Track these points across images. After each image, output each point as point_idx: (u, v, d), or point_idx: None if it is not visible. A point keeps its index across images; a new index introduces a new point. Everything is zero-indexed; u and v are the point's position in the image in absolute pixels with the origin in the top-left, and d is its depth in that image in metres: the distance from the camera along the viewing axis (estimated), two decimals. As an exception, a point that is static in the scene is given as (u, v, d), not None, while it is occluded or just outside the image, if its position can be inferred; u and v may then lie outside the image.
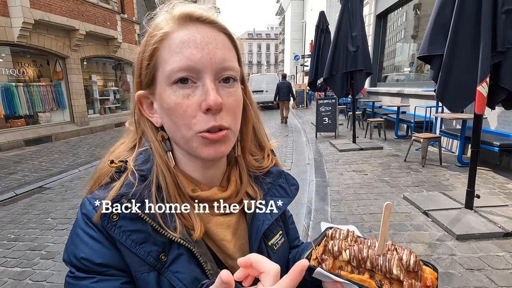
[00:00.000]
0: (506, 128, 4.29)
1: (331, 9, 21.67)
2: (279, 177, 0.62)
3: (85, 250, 0.44)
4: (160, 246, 0.46)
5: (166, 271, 0.45)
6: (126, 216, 0.45)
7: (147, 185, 0.48)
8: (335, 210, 3.28)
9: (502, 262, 2.18)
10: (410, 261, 0.45)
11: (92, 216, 0.45)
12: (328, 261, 0.49)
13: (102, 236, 0.45)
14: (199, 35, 0.45)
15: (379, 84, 9.66)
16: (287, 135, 8.43)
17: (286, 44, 51.93)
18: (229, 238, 0.54)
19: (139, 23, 14.37)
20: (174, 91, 0.45)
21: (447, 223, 2.69)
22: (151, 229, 0.46)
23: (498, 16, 2.43)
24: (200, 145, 0.47)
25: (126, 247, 0.44)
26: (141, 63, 0.49)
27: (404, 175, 4.23)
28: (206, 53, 0.44)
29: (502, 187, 3.60)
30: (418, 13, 7.81)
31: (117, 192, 0.45)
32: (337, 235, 0.53)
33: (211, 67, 0.45)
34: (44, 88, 9.46)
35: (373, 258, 0.46)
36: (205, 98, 0.44)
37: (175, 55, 0.44)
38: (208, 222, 0.52)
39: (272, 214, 0.57)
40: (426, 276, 0.46)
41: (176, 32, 0.46)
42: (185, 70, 0.44)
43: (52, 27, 9.12)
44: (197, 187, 0.53)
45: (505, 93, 2.59)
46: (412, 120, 6.10)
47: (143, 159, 0.51)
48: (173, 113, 0.46)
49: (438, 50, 2.73)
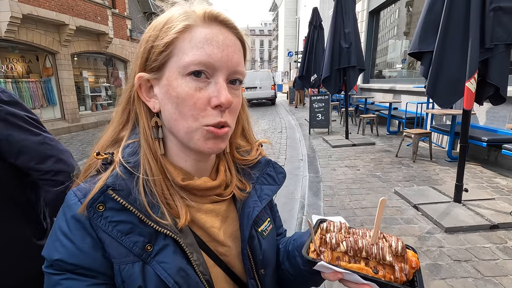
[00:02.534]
0: (494, 123, 4.39)
1: (324, 5, 21.67)
2: (267, 166, 0.65)
3: (59, 249, 0.44)
4: (146, 237, 0.46)
5: (151, 261, 0.46)
6: (112, 206, 0.45)
7: (134, 176, 0.48)
8: (327, 205, 3.33)
9: (488, 253, 2.25)
10: (398, 247, 0.51)
11: (76, 208, 0.45)
12: (327, 253, 0.52)
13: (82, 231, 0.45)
14: (222, 36, 0.48)
15: (371, 81, 9.74)
16: (281, 131, 8.46)
17: (279, 40, 51.79)
18: (218, 225, 0.56)
19: (130, 19, 14.16)
20: (188, 82, 0.46)
21: (436, 217, 2.75)
22: (137, 220, 0.46)
23: (486, 14, 2.48)
24: (202, 137, 0.48)
25: (112, 237, 0.45)
26: (153, 47, 0.48)
27: (395, 170, 4.30)
28: (225, 54, 0.47)
29: (490, 181, 3.69)
30: (410, 10, 7.88)
31: (104, 183, 0.46)
32: (332, 227, 0.57)
33: (227, 68, 0.48)
34: (33, 84, 9.29)
35: (368, 248, 0.51)
36: (218, 95, 0.47)
37: (196, 49, 0.46)
38: (197, 211, 0.54)
39: (261, 201, 0.59)
40: (411, 258, 0.51)
41: (199, 27, 0.47)
42: (203, 65, 0.46)
43: (41, 22, 8.93)
44: (187, 176, 0.54)
45: (493, 89, 2.65)
46: (404, 116, 6.19)
47: (130, 151, 0.51)
48: (182, 102, 0.47)
49: (428, 46, 2.78)
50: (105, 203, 0.45)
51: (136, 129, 0.54)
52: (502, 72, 2.60)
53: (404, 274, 0.48)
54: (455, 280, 2.00)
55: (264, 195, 0.60)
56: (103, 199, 0.45)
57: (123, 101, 0.56)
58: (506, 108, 4.13)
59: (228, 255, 0.57)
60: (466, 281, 1.99)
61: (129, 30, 14.02)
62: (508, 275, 2.01)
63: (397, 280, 0.48)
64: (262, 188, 0.61)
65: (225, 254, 0.56)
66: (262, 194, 0.60)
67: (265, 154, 0.68)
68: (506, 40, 2.47)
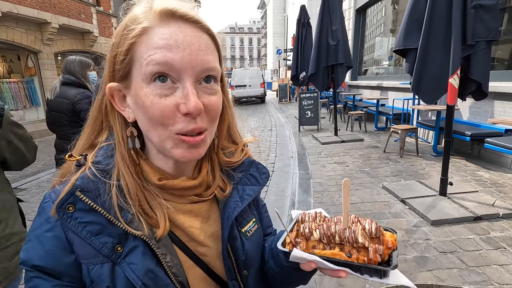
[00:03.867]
0: (476, 118, 4.52)
1: (312, 3, 21.78)
2: (250, 167, 0.64)
3: (30, 250, 0.45)
4: (115, 238, 0.46)
5: (121, 262, 0.46)
6: (81, 208, 0.45)
7: (105, 178, 0.48)
8: (317, 201, 3.36)
9: (472, 245, 2.33)
10: (372, 228, 0.51)
11: (49, 210, 0.46)
12: (302, 243, 0.52)
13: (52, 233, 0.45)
14: (181, 34, 0.43)
15: (359, 78, 9.86)
16: (271, 129, 8.48)
17: (268, 38, 51.79)
18: (197, 226, 0.55)
19: (116, 16, 13.86)
20: (152, 89, 0.43)
21: (423, 210, 2.82)
22: (106, 221, 0.46)
23: (467, 11, 2.54)
24: (175, 146, 0.46)
25: (81, 238, 0.45)
26: (116, 56, 0.47)
27: (383, 166, 4.38)
28: (187, 53, 0.43)
29: (473, 174, 3.81)
30: (396, 7, 8.01)
31: (73, 185, 0.46)
32: (307, 218, 0.57)
33: (192, 69, 0.44)
34: (15, 84, 8.99)
35: (340, 232, 0.50)
36: (185, 102, 0.43)
37: (153, 52, 0.43)
38: (176, 211, 0.53)
39: (242, 201, 0.59)
40: (387, 239, 0.51)
41: (156, 28, 0.44)
42: (163, 67, 0.42)
43: (21, 20, 8.64)
44: (164, 176, 0.53)
45: (475, 85, 2.73)
46: (391, 112, 6.30)
47: (104, 154, 0.51)
48: (149, 111, 0.44)
49: (412, 43, 2.83)
50: (74, 204, 0.45)
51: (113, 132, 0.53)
52: (483, 68, 2.67)
53: (379, 255, 0.48)
54: (441, 271, 2.05)
55: (246, 195, 0.59)
56: (73, 200, 0.45)
57: (96, 109, 0.54)
58: (488, 103, 4.26)
59: (208, 255, 0.56)
60: (451, 272, 2.05)
61: (114, 28, 13.73)
62: (491, 265, 2.08)
63: (371, 262, 0.48)
64: (245, 188, 0.60)
65: (205, 254, 0.56)
66: (244, 194, 0.60)
67: (251, 155, 0.67)
68: (486, 37, 2.54)
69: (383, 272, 0.48)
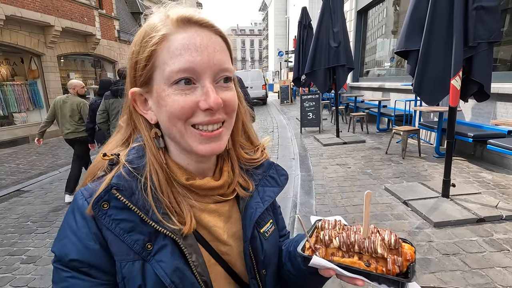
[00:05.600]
0: (479, 119, 4.51)
1: (313, 4, 21.82)
2: (269, 169, 0.66)
3: (67, 246, 0.47)
4: (146, 236, 0.48)
5: (151, 259, 0.48)
6: (116, 205, 0.47)
7: (138, 178, 0.50)
8: (319, 203, 3.36)
9: (475, 246, 2.31)
10: (391, 240, 0.51)
11: (84, 207, 0.48)
12: (321, 249, 0.54)
13: (88, 229, 0.47)
14: (199, 37, 0.47)
15: (361, 79, 9.86)
16: (272, 131, 8.48)
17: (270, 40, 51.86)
18: (221, 225, 0.57)
19: (118, 19, 13.95)
20: (174, 90, 0.47)
21: (425, 212, 2.81)
22: (139, 219, 0.48)
23: (469, 13, 2.54)
24: (196, 142, 0.50)
25: (115, 234, 0.47)
26: (137, 63, 0.50)
27: (385, 167, 4.37)
28: (205, 55, 0.47)
29: (476, 175, 3.79)
30: (398, 9, 8.01)
31: (109, 183, 0.48)
32: (326, 225, 0.58)
33: (210, 69, 0.47)
34: (18, 87, 9.06)
35: (360, 242, 0.51)
36: (205, 99, 0.47)
37: (175, 57, 0.46)
38: (201, 210, 0.56)
39: (264, 202, 0.61)
40: (406, 251, 0.52)
41: (175, 34, 0.47)
42: (185, 71, 0.46)
43: (25, 23, 8.72)
44: (191, 176, 0.56)
45: (477, 86, 2.72)
46: (393, 113, 6.29)
47: (135, 154, 0.53)
48: (170, 108, 0.47)
49: (414, 45, 2.83)
50: (109, 202, 0.47)
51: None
52: (485, 69, 2.67)
53: (397, 266, 0.49)
54: (444, 274, 2.04)
55: (267, 196, 0.61)
56: (108, 198, 0.47)
57: (126, 112, 0.57)
58: (490, 104, 4.24)
59: (230, 254, 0.58)
60: (454, 274, 2.04)
61: (117, 31, 13.81)
62: (494, 267, 2.06)
63: (389, 272, 0.48)
64: (265, 190, 0.63)
65: (227, 253, 0.58)
66: (264, 195, 0.62)
67: (269, 157, 0.69)
68: (488, 38, 2.54)
69: (402, 284, 0.48)
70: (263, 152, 0.67)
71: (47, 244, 3.04)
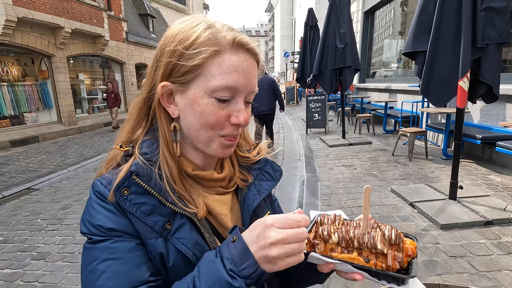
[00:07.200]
0: (488, 121, 4.45)
1: (320, 5, 21.78)
2: (265, 165, 0.71)
3: (101, 219, 0.51)
4: (165, 217, 0.53)
5: (171, 238, 0.52)
6: (135, 190, 0.52)
7: (153, 166, 0.54)
8: (325, 204, 3.36)
9: (482, 249, 2.29)
10: (392, 235, 0.51)
11: (105, 194, 0.52)
12: (320, 245, 0.53)
13: (114, 209, 0.52)
14: (246, 63, 0.54)
15: (367, 80, 9.81)
16: (278, 132, 8.49)
17: (276, 41, 51.87)
18: (226, 213, 0.62)
19: (126, 21, 14.13)
20: (213, 101, 0.52)
21: (432, 214, 2.79)
22: (158, 201, 0.53)
23: (477, 14, 2.52)
24: (219, 146, 0.56)
25: (136, 217, 0.51)
26: (178, 64, 0.52)
27: (391, 169, 4.35)
28: (248, 80, 0.54)
29: (484, 178, 3.74)
30: (405, 9, 7.96)
31: (127, 171, 0.52)
32: (326, 220, 0.57)
33: (246, 91, 0.55)
34: (29, 87, 9.25)
35: (359, 237, 0.51)
36: (237, 115, 0.54)
37: (223, 75, 0.51)
38: (207, 199, 0.60)
39: (260, 194, 0.65)
40: (407, 246, 0.51)
41: (228, 54, 0.52)
42: (229, 89, 0.52)
43: (36, 25, 8.90)
44: (196, 167, 0.61)
45: (485, 87, 2.69)
46: (400, 115, 6.24)
47: (148, 145, 0.57)
48: (207, 117, 0.53)
49: (421, 46, 2.82)
50: (129, 188, 0.51)
51: (152, 127, 0.60)
52: (494, 71, 2.64)
53: (398, 262, 0.48)
54: (451, 276, 2.03)
55: (263, 189, 0.66)
56: (128, 184, 0.51)
57: (140, 102, 0.60)
58: (499, 106, 4.19)
59: None
60: (461, 276, 2.02)
61: (125, 32, 13.99)
62: (502, 270, 2.04)
63: (389, 268, 0.48)
64: (261, 183, 0.67)
65: None
66: (261, 188, 0.66)
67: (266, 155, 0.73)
68: (497, 39, 2.51)
69: (402, 280, 0.48)
70: (259, 151, 0.72)
71: (56, 241, 3.11)
